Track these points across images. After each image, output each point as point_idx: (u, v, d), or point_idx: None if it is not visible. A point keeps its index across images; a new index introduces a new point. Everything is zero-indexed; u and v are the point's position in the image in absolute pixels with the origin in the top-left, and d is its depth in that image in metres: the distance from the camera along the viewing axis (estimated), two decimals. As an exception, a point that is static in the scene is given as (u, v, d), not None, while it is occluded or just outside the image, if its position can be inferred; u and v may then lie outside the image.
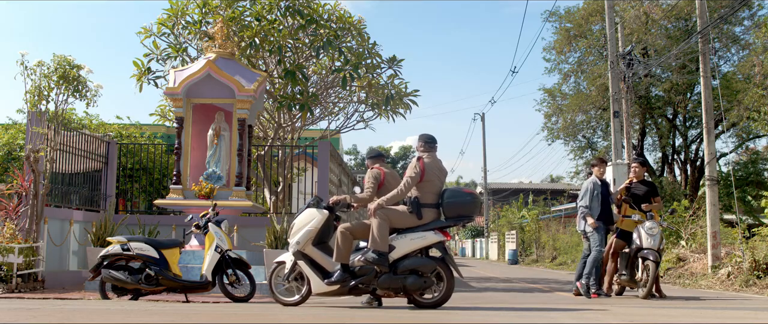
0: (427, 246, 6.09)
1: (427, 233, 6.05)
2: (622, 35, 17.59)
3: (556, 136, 26.95)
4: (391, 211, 6.10)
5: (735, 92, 20.07)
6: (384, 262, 5.95)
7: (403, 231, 6.12)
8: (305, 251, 6.23)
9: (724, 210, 17.42)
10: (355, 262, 6.06)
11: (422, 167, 6.14)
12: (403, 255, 6.04)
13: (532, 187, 52.45)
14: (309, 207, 6.42)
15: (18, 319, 4.83)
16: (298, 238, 6.22)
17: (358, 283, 6.05)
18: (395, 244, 6.04)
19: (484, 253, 41.39)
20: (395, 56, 12.52)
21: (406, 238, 6.06)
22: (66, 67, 9.16)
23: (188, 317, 5.22)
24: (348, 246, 6.11)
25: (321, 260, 6.25)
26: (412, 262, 6.01)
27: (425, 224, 6.11)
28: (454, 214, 6.17)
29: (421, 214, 6.10)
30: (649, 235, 8.02)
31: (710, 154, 12.90)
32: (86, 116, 13.89)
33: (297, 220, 6.38)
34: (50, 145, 9.20)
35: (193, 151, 9.76)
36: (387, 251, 5.98)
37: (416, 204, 6.10)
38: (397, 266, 6.01)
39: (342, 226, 6.17)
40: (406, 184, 6.10)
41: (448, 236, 6.16)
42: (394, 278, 5.97)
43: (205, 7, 11.75)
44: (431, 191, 6.18)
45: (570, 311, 6.19)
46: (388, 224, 6.02)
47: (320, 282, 6.11)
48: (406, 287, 5.96)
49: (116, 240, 7.11)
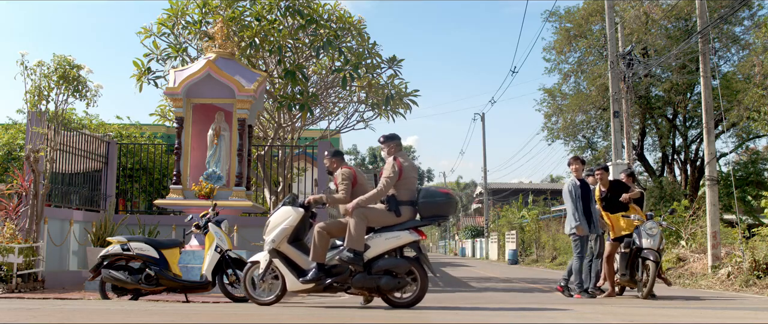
0: (402, 245, 6.13)
1: (402, 233, 6.10)
2: (622, 35, 17.59)
3: (556, 136, 26.94)
4: (370, 210, 6.14)
5: (735, 92, 20.06)
6: (359, 261, 5.99)
7: (379, 230, 6.16)
8: (280, 249, 6.23)
9: (724, 210, 17.42)
10: (331, 261, 6.09)
11: (400, 166, 6.22)
12: (378, 254, 6.08)
13: (532, 187, 52.44)
14: (284, 205, 6.42)
15: (18, 319, 4.83)
16: (274, 236, 6.22)
17: (333, 282, 6.08)
18: (370, 244, 6.08)
19: (484, 253, 41.39)
20: (395, 56, 12.53)
21: (381, 238, 6.10)
22: (66, 67, 9.16)
23: (188, 317, 5.22)
24: (324, 245, 6.13)
25: (296, 258, 6.25)
26: (387, 262, 6.05)
27: (402, 223, 6.16)
28: (430, 214, 6.24)
29: (399, 212, 6.16)
30: (649, 235, 8.02)
31: (710, 154, 12.90)
32: (86, 116, 13.90)
33: (272, 219, 6.37)
34: (50, 145, 9.20)
35: (193, 151, 9.76)
36: (363, 250, 6.02)
37: (395, 202, 6.16)
38: (371, 266, 6.05)
39: (318, 225, 6.18)
40: (386, 184, 6.15)
41: (423, 236, 6.22)
42: (369, 278, 6.01)
43: (205, 7, 11.75)
44: (408, 189, 6.26)
45: (570, 311, 6.19)
46: (365, 223, 6.06)
47: (295, 280, 6.12)
48: (380, 287, 6.01)
49: (116, 240, 7.12)
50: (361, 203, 6.10)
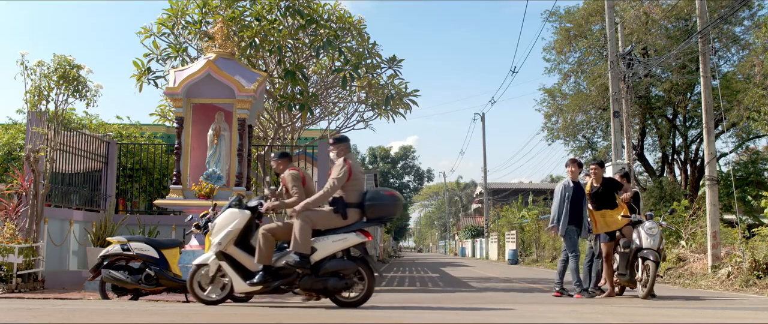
0: (348, 247, 6.15)
1: (348, 235, 6.13)
2: (622, 35, 17.58)
3: (556, 136, 26.94)
4: (315, 213, 6.14)
5: (735, 92, 20.06)
6: (306, 264, 6.00)
7: (325, 232, 6.16)
8: (227, 251, 6.21)
9: (724, 210, 17.41)
10: (278, 263, 6.10)
11: (349, 168, 6.21)
12: (325, 256, 6.10)
13: (532, 187, 52.45)
14: (230, 207, 6.40)
15: (18, 319, 4.83)
16: (220, 239, 6.19)
17: (280, 285, 6.10)
18: (317, 246, 6.09)
19: (484, 253, 41.39)
20: (395, 56, 12.52)
21: (328, 240, 6.11)
22: (66, 67, 9.16)
23: (188, 317, 5.22)
24: (270, 247, 6.12)
25: (243, 260, 6.23)
26: (334, 264, 6.08)
27: (348, 225, 6.18)
28: (376, 215, 6.27)
29: (346, 215, 6.17)
30: (649, 235, 8.02)
31: (710, 154, 12.89)
32: (86, 116, 13.89)
33: (218, 221, 6.35)
34: (50, 145, 9.20)
35: (193, 151, 9.76)
36: (309, 253, 6.03)
37: (342, 204, 6.17)
38: (318, 268, 6.06)
39: (263, 228, 6.17)
40: (333, 186, 6.15)
41: (368, 237, 6.25)
42: (316, 280, 6.03)
43: (205, 7, 11.75)
44: (356, 191, 6.27)
45: (570, 311, 6.19)
46: (311, 226, 6.07)
47: (242, 282, 6.12)
48: (327, 288, 6.05)
49: (116, 240, 7.12)
50: (309, 205, 6.12)
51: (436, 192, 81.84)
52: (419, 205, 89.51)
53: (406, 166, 76.48)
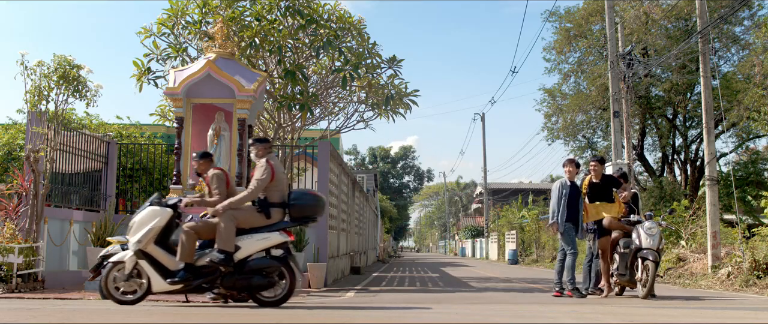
0: (271, 246, 6.21)
1: (272, 234, 6.20)
2: (622, 35, 17.58)
3: (556, 136, 26.93)
4: (240, 212, 6.22)
5: (735, 92, 20.05)
6: (229, 262, 6.05)
7: (249, 231, 6.22)
8: (147, 250, 6.19)
9: (724, 210, 17.41)
10: (200, 262, 6.10)
11: (272, 168, 6.32)
12: (248, 255, 6.15)
13: (532, 187, 52.45)
14: (151, 205, 6.38)
15: (18, 319, 4.83)
16: (140, 237, 6.17)
17: (202, 283, 6.11)
18: (241, 245, 6.15)
19: (484, 253, 41.39)
20: (395, 56, 12.52)
21: (252, 239, 6.17)
22: (66, 67, 9.15)
23: (188, 317, 5.22)
24: (192, 245, 6.15)
25: (163, 259, 6.22)
26: (257, 262, 6.14)
27: (272, 224, 6.26)
28: (300, 215, 6.39)
29: (269, 214, 6.26)
30: (649, 235, 8.02)
31: (710, 154, 12.89)
32: (86, 116, 13.88)
33: (137, 219, 6.32)
34: (50, 145, 9.19)
35: (193, 151, 9.76)
36: (233, 251, 6.09)
37: (265, 204, 6.26)
38: (242, 266, 6.11)
39: (186, 225, 6.19)
40: (256, 187, 6.24)
41: (291, 236, 6.32)
42: (239, 278, 6.08)
43: (205, 7, 11.75)
44: (279, 191, 6.37)
45: (570, 311, 6.19)
46: (235, 225, 6.13)
47: (162, 281, 6.11)
48: (250, 286, 6.09)
49: (116, 240, 7.10)
50: (233, 205, 6.18)
51: (436, 192, 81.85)
52: (419, 205, 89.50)
53: (406, 166, 76.51)
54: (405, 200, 76.25)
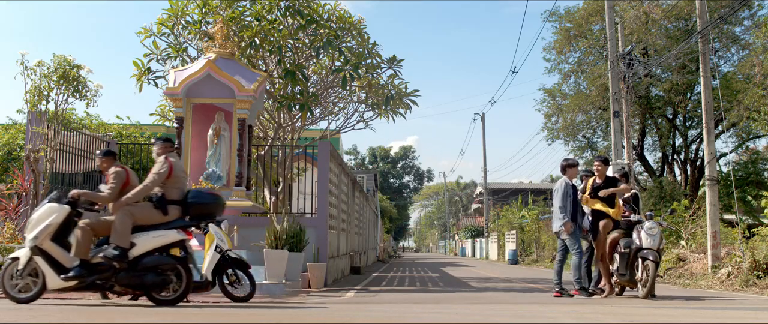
0: (168, 244, 6.20)
1: (169, 232, 6.19)
2: (622, 35, 17.58)
3: (556, 136, 26.92)
4: (137, 208, 6.22)
5: (735, 92, 20.05)
6: (124, 258, 6.03)
7: (147, 228, 6.21)
8: (43, 246, 6.14)
9: (724, 210, 17.41)
10: (95, 258, 6.08)
11: (170, 165, 6.36)
12: (144, 252, 6.13)
13: (532, 187, 52.48)
14: (49, 202, 6.34)
15: (18, 319, 4.83)
16: (36, 233, 6.12)
17: (96, 279, 6.08)
18: (137, 241, 6.13)
19: (484, 253, 41.39)
20: (395, 56, 12.53)
21: (148, 236, 6.16)
22: (66, 67, 9.16)
23: (188, 317, 5.22)
24: (87, 241, 6.11)
25: (59, 256, 6.16)
26: (152, 259, 6.12)
27: (170, 222, 6.26)
28: (197, 214, 6.40)
29: (166, 211, 6.26)
30: (649, 235, 8.01)
31: (710, 154, 12.89)
32: (86, 116, 13.90)
33: (35, 216, 6.28)
34: (50, 145, 9.19)
35: (193, 151, 9.76)
36: (128, 247, 6.07)
37: (162, 200, 6.28)
38: (136, 263, 6.09)
39: (82, 222, 6.16)
40: (153, 181, 6.27)
41: (189, 235, 6.32)
42: (133, 275, 6.05)
43: (205, 7, 11.75)
44: (177, 188, 6.39)
45: (570, 311, 6.19)
46: (131, 221, 6.12)
47: (56, 277, 6.05)
48: (144, 284, 6.06)
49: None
50: (128, 200, 6.19)
51: (436, 192, 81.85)
52: (419, 205, 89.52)
53: (406, 166, 76.52)
54: (405, 200, 76.26)
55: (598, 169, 8.65)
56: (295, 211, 12.96)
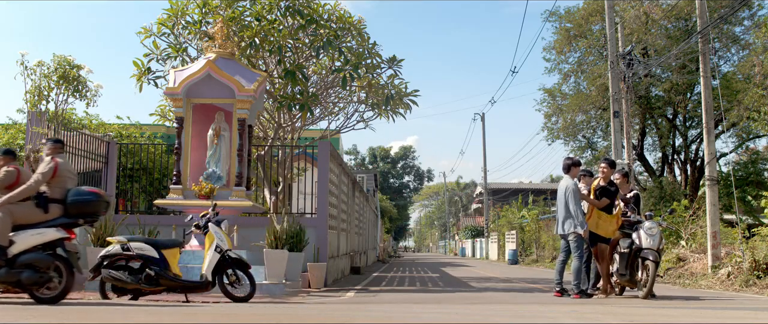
0: (47, 242, 6.20)
1: (48, 230, 6.22)
2: (622, 35, 17.58)
3: (556, 136, 26.92)
4: (17, 206, 6.25)
5: (735, 92, 20.04)
6: (2, 256, 6.06)
7: (27, 227, 6.23)
8: None
9: (724, 210, 17.41)
10: None
11: (56, 165, 6.43)
12: (24, 250, 6.14)
13: (532, 187, 52.48)
14: None
15: (18, 319, 4.83)
16: None
17: None
18: (16, 239, 6.16)
19: (484, 253, 41.39)
20: (395, 56, 12.52)
21: (27, 234, 6.19)
22: (66, 67, 9.17)
23: (188, 317, 5.22)
24: None
25: None
26: (30, 257, 6.12)
27: (51, 220, 6.29)
28: (77, 212, 6.41)
29: (47, 209, 6.31)
30: (649, 235, 8.01)
31: (710, 154, 12.89)
32: (86, 116, 13.88)
33: None
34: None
35: (193, 151, 9.76)
36: (7, 245, 6.11)
37: (44, 199, 6.33)
38: (15, 261, 6.10)
39: None
40: (37, 181, 6.33)
41: (72, 234, 6.32)
42: (11, 272, 6.07)
43: (205, 7, 11.75)
44: (61, 188, 6.44)
45: (570, 311, 6.18)
46: (10, 219, 6.16)
47: None
48: (21, 281, 6.06)
49: (116, 240, 7.12)
50: (11, 199, 6.22)
51: (436, 192, 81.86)
52: (419, 205, 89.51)
53: (406, 166, 76.51)
54: (405, 200, 76.24)
55: (604, 171, 8.54)
56: (295, 211, 12.96)
